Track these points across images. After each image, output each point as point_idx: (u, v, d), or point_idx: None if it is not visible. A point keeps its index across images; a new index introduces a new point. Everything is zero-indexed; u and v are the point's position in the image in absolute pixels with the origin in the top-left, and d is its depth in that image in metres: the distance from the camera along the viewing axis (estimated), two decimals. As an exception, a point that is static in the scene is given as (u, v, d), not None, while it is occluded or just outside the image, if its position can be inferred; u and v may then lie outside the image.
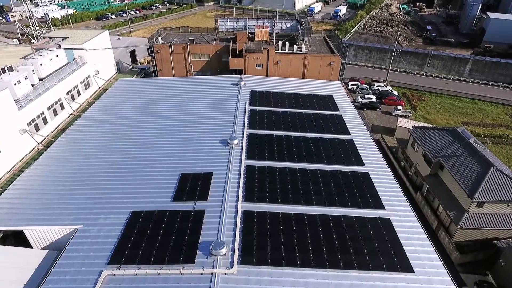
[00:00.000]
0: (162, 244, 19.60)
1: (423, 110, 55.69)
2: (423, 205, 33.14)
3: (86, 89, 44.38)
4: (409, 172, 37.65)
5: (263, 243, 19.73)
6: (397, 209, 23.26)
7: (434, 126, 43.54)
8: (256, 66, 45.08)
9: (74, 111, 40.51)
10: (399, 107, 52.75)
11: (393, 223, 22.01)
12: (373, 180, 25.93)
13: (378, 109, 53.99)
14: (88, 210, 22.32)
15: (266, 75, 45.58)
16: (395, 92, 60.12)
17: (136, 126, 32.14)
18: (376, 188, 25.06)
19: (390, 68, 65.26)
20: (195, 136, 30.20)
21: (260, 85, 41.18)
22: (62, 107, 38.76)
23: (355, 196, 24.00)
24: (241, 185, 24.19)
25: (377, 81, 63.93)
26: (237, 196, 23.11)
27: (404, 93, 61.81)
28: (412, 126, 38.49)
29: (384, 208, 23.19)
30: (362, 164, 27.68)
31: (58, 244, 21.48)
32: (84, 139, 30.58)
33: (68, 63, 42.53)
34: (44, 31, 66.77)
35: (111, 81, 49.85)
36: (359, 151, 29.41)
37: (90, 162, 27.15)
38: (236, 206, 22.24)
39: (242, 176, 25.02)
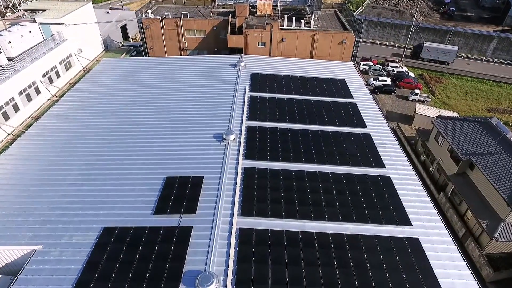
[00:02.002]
0: (136, 273, 15.69)
1: (442, 94, 50.45)
2: (447, 208, 28.98)
3: (66, 70, 39.55)
4: (430, 169, 33.27)
5: (263, 275, 15.77)
6: (427, 226, 19.07)
7: (462, 116, 38.64)
8: (258, 45, 39.78)
9: (52, 96, 35.94)
10: (417, 91, 47.52)
11: (422, 245, 17.90)
12: (396, 186, 21.62)
13: (393, 93, 48.84)
14: (51, 224, 18.34)
15: (269, 55, 40.35)
16: (411, 74, 54.60)
17: (115, 118, 27.63)
18: (400, 197, 20.80)
19: (406, 46, 59.21)
20: (185, 130, 25.73)
21: (262, 67, 36.14)
22: (38, 92, 34.19)
23: (374, 208, 19.78)
24: (238, 193, 20.00)
25: (392, 61, 58.23)
26: (232, 209, 18.98)
27: (421, 75, 56.28)
28: (436, 116, 33.65)
29: (411, 225, 19.01)
30: (382, 166, 23.27)
31: (12, 267, 17.72)
32: (56, 132, 26.22)
33: (44, 40, 37.45)
34: (22, 3, 60.80)
35: (97, 60, 44.82)
36: (378, 149, 24.92)
37: (59, 162, 22.94)
38: (231, 222, 18.16)
39: (238, 182, 20.80)
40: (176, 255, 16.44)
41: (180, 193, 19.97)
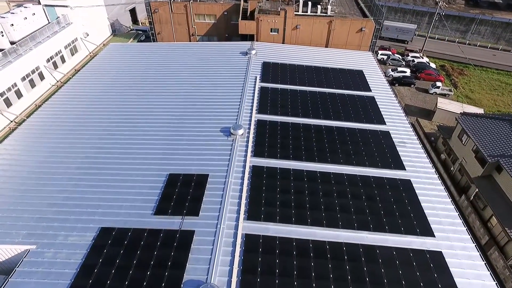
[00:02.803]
0: (133, 281, 14.56)
1: (465, 87, 47.44)
2: (468, 212, 27.03)
3: (72, 55, 38.28)
4: (452, 169, 31.14)
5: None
6: (451, 238, 17.33)
7: (489, 113, 36.03)
8: (271, 31, 37.60)
9: (57, 82, 34.83)
10: (438, 83, 44.68)
11: (446, 259, 16.24)
12: (417, 191, 19.82)
13: (412, 86, 46.13)
14: (47, 222, 17.32)
15: (283, 43, 38.19)
16: (432, 65, 51.50)
17: (119, 108, 26.29)
18: (422, 204, 19.03)
19: (428, 35, 55.76)
20: (190, 123, 24.24)
21: (274, 55, 34.09)
22: (42, 77, 33.08)
23: (393, 215, 18.10)
24: (244, 194, 18.56)
25: (412, 51, 55.04)
26: (238, 212, 17.59)
27: (443, 66, 53.09)
28: (460, 113, 31.23)
29: (434, 236, 17.31)
30: (402, 168, 21.42)
31: (5, 265, 16.88)
32: (57, 121, 25.08)
33: (49, 23, 36.09)
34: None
35: (104, 45, 43.37)
36: (397, 149, 23.01)
37: (58, 154, 21.85)
38: (236, 227, 16.80)
39: (246, 182, 19.32)
40: (176, 262, 15.23)
41: (183, 192, 18.65)
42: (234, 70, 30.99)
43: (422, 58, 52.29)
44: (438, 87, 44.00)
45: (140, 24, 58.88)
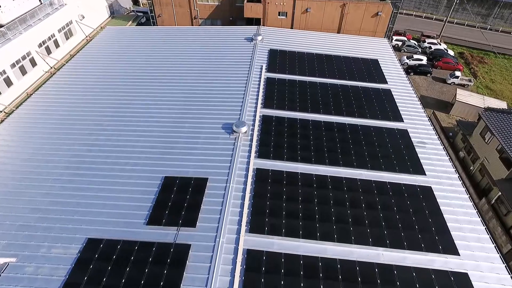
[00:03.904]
0: (121, 303, 13.04)
1: (485, 77, 44.38)
2: (489, 217, 25.04)
3: (67, 39, 36.02)
4: (471, 168, 28.93)
5: (273, 314, 12.82)
6: (477, 257, 15.44)
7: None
8: (279, 15, 34.83)
9: (51, 68, 32.81)
10: (457, 73, 41.68)
11: (473, 282, 14.41)
12: (438, 200, 17.82)
13: (429, 75, 43.21)
14: (29, 231, 15.76)
15: (291, 28, 35.45)
16: (451, 52, 48.24)
17: (113, 100, 24.31)
18: (444, 216, 17.06)
19: (447, 19, 52.09)
20: (189, 118, 22.23)
21: (282, 42, 31.52)
22: (34, 64, 31.06)
23: (412, 229, 16.20)
24: (247, 202, 16.75)
25: (429, 36, 51.59)
26: (240, 223, 15.83)
27: (462, 53, 49.78)
28: (484, 108, 28.71)
29: (458, 254, 15.42)
30: (422, 173, 19.34)
31: (-14, 279, 15.46)
32: (45, 114, 23.24)
33: (41, 4, 33.70)
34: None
35: (101, 28, 40.94)
36: (416, 150, 20.86)
37: (45, 152, 20.10)
38: (237, 241, 15.08)
39: (248, 187, 17.47)
40: (169, 281, 13.62)
41: (179, 199, 16.89)
42: (238, 59, 28.61)
43: (440, 44, 48.96)
44: (457, 77, 41.05)
45: (141, 5, 55.97)
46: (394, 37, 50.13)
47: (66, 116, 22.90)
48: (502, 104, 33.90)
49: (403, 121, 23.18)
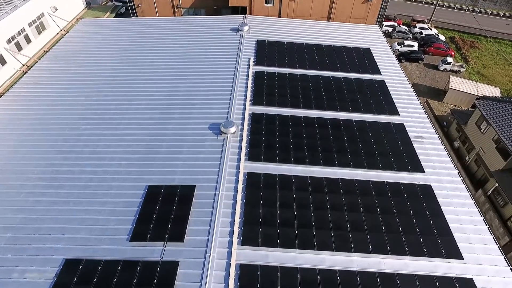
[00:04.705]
0: (104, 333, 11.89)
1: (477, 62, 43.71)
2: (486, 209, 24.59)
3: (39, 33, 33.54)
4: (466, 158, 28.38)
5: (270, 336, 11.88)
6: (482, 260, 14.75)
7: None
8: (266, 3, 33.09)
9: (23, 66, 30.53)
10: (449, 59, 40.83)
11: (478, 288, 13.75)
12: (439, 200, 17.02)
13: (420, 61, 42.26)
14: (0, 253, 14.33)
15: (279, 16, 33.79)
16: (442, 37, 47.29)
17: (89, 102, 22.53)
18: (446, 217, 16.28)
19: (437, 2, 50.92)
20: (173, 119, 20.73)
21: (270, 32, 29.92)
22: (3, 62, 28.76)
23: (413, 233, 15.38)
24: (238, 211, 15.61)
25: (419, 21, 50.44)
26: (231, 234, 14.71)
27: (452, 38, 48.92)
28: (478, 96, 27.96)
29: (462, 258, 14.70)
30: (421, 170, 18.47)
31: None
32: (15, 118, 21.38)
33: (7, -4, 31.07)
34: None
35: (77, 20, 38.37)
36: (414, 146, 19.95)
37: (16, 161, 18.41)
38: (229, 255, 13.98)
39: (239, 194, 16.30)
40: (156, 305, 12.50)
41: (165, 210, 15.63)
42: (224, 51, 26.97)
43: (431, 29, 47.93)
44: (449, 63, 40.23)
45: (120, -6, 52.98)
46: (384, 23, 48.82)
47: (39, 120, 21.11)
48: (495, 91, 33.28)
49: (399, 115, 22.20)
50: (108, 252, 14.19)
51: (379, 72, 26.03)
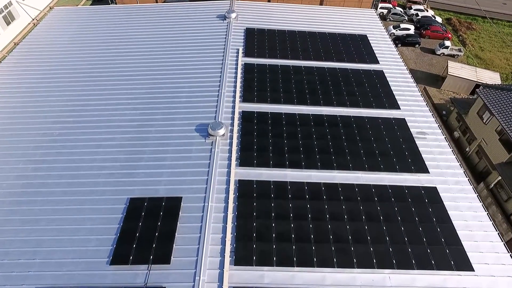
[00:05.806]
0: None
1: (474, 44, 42.22)
2: (488, 203, 23.71)
3: (7, 25, 30.71)
4: (467, 149, 27.32)
5: None
6: (493, 271, 13.74)
7: None
8: (254, -14, 30.66)
9: (-9, 61, 27.89)
10: (447, 42, 39.22)
11: (490, 303, 12.78)
12: (445, 203, 15.86)
13: (417, 45, 40.57)
14: (-37, 283, 12.80)
15: (268, 1, 31.46)
16: (438, 19, 45.47)
17: (63, 102, 20.49)
18: (453, 222, 15.17)
19: (433, -18, 48.81)
20: (156, 122, 18.93)
21: (259, 18, 27.80)
22: (-32, 58, 26.19)
23: (420, 243, 14.25)
24: (230, 225, 14.22)
25: (415, 2, 48.40)
26: (223, 252, 13.36)
27: (449, 19, 47.14)
28: (477, 84, 26.61)
29: (473, 270, 13.66)
30: (425, 171, 17.23)
31: None
32: (-19, 125, 19.36)
33: (-32, -17, 28.11)
34: None
35: (50, 8, 35.35)
36: (417, 143, 18.64)
37: (-19, 175, 16.58)
38: (220, 278, 12.67)
39: (231, 206, 14.87)
40: None
41: (149, 227, 14.15)
42: (211, 42, 24.89)
43: (427, 11, 46.00)
44: (447, 47, 38.65)
45: (98, -22, 49.40)
46: (379, 5, 46.63)
47: (7, 125, 19.10)
48: (495, 76, 31.99)
49: (399, 109, 20.77)
50: (86, 278, 12.74)
51: (377, 61, 24.38)
